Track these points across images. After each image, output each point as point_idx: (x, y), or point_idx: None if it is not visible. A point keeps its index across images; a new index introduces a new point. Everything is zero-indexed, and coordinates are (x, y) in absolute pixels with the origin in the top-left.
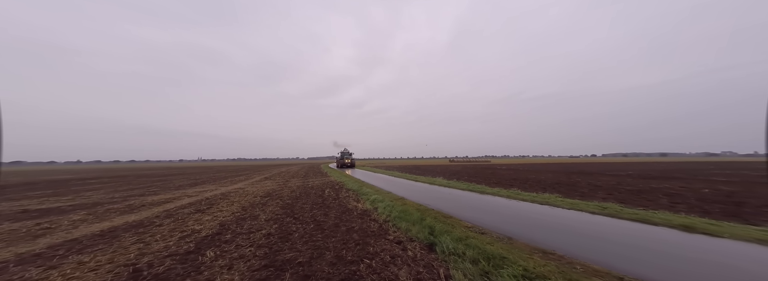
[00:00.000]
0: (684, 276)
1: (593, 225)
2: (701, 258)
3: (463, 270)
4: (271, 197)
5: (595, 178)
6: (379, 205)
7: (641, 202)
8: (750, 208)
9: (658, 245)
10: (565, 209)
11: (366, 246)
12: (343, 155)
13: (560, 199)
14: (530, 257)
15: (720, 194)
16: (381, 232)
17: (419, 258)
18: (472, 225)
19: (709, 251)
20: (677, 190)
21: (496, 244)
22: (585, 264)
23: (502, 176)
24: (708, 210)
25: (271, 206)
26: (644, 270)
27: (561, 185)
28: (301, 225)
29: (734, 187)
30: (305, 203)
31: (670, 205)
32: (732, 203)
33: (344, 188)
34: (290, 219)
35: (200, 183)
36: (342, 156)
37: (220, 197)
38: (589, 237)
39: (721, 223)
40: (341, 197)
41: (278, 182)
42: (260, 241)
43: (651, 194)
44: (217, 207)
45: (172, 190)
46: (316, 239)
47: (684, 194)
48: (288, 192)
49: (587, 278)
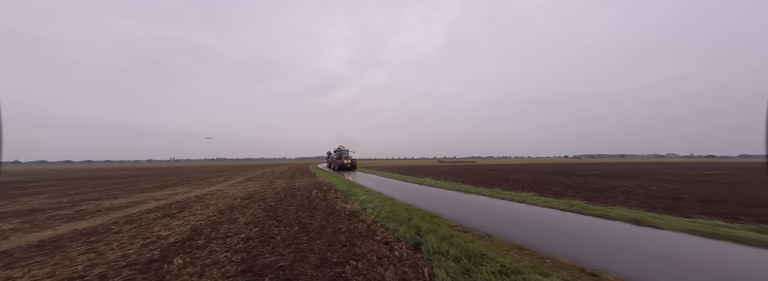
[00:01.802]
0: (633, 264)
1: (563, 221)
2: (646, 248)
3: (446, 268)
4: (253, 199)
5: (566, 177)
6: (368, 206)
7: (603, 199)
8: (685, 203)
9: (615, 238)
10: (539, 207)
11: (353, 248)
12: (340, 154)
13: (536, 197)
14: (507, 253)
15: (664, 191)
16: (369, 233)
17: (405, 257)
18: (457, 223)
19: (653, 242)
20: (631, 188)
21: (478, 242)
22: (554, 259)
23: (486, 176)
24: (654, 205)
25: (252, 209)
26: (602, 260)
27: (537, 184)
28: (285, 227)
29: (675, 185)
30: (290, 205)
31: (625, 201)
32: (672, 199)
33: (333, 189)
34: (273, 221)
35: (171, 185)
36: (339, 156)
37: (194, 200)
38: (559, 233)
39: (663, 216)
40: (329, 198)
41: (262, 184)
42: (238, 245)
43: (610, 192)
44: (190, 211)
45: (137, 193)
46: (300, 241)
47: (636, 192)
48: (272, 194)
49: (555, 271)
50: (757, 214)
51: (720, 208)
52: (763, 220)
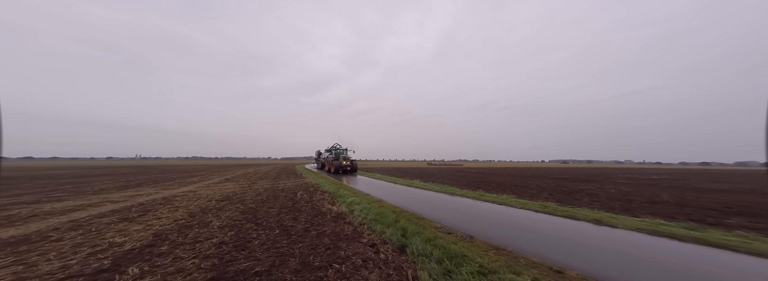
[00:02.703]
0: (593, 260)
1: (536, 222)
2: (604, 246)
3: (428, 270)
4: (231, 201)
5: (542, 181)
6: (355, 208)
7: (571, 201)
8: (636, 204)
9: (578, 237)
10: (517, 209)
11: (337, 251)
12: (337, 153)
13: (514, 199)
14: (486, 254)
15: (620, 194)
16: (355, 235)
17: (391, 260)
18: (441, 225)
19: (609, 240)
20: (595, 191)
21: (460, 243)
22: (527, 258)
23: (471, 179)
24: (612, 207)
25: (228, 212)
26: (568, 258)
27: (517, 187)
28: (264, 231)
29: (629, 188)
30: (272, 208)
31: (589, 203)
32: (626, 201)
33: (319, 191)
34: (251, 224)
35: (134, 186)
36: (335, 155)
37: (160, 203)
38: (532, 233)
39: (618, 216)
40: (315, 200)
41: (242, 185)
42: (209, 251)
43: (578, 194)
44: (154, 214)
45: (89, 195)
46: (280, 245)
47: (599, 194)
48: (253, 195)
49: (527, 270)
50: (688, 213)
51: (662, 209)
52: (693, 218)
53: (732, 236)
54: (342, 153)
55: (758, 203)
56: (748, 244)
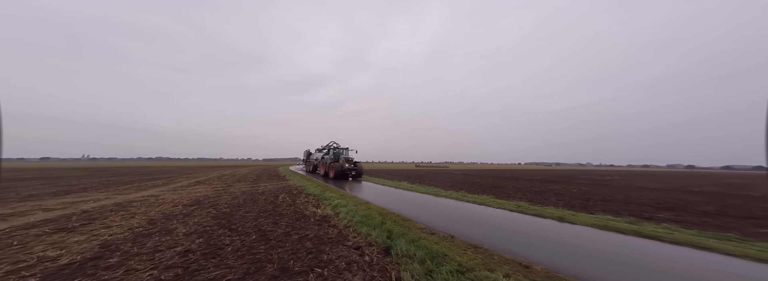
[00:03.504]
0: (554, 255)
1: (510, 221)
2: (564, 241)
3: (411, 271)
4: (201, 205)
5: (518, 182)
6: (341, 210)
7: (541, 200)
8: (592, 202)
9: (544, 233)
10: (494, 208)
11: (320, 254)
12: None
13: (493, 200)
14: (465, 252)
15: (580, 193)
16: (340, 238)
17: (375, 262)
18: (426, 226)
19: (568, 235)
20: (561, 191)
21: (441, 243)
22: (501, 255)
23: (456, 180)
24: (573, 205)
25: (197, 217)
26: (534, 254)
27: (495, 187)
28: (239, 236)
29: (588, 188)
30: (249, 212)
31: (556, 202)
32: (585, 199)
33: (304, 193)
34: (224, 230)
35: (77, 191)
36: (335, 156)
37: (111, 210)
38: (506, 231)
39: (577, 214)
40: (299, 203)
41: (215, 188)
42: (171, 261)
43: (547, 194)
44: (103, 223)
45: (13, 202)
46: (256, 251)
47: (563, 194)
48: (228, 199)
49: (500, 266)
50: (631, 209)
51: (612, 206)
52: (633, 214)
53: (660, 228)
54: (342, 153)
55: (680, 200)
56: (671, 234)
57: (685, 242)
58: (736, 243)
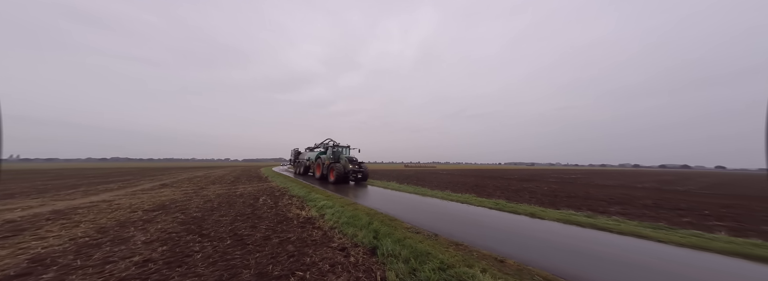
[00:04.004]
0: (525, 248)
1: (489, 218)
2: (534, 235)
3: (396, 270)
4: (167, 210)
5: (497, 181)
6: (327, 211)
7: (517, 198)
8: (560, 199)
9: (518, 229)
10: (475, 206)
11: (302, 257)
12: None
13: (474, 198)
14: (447, 250)
15: (550, 191)
16: (324, 240)
17: (361, 263)
18: (411, 225)
19: (537, 229)
20: (534, 188)
21: (426, 242)
22: (479, 251)
23: (442, 180)
24: (543, 201)
25: (162, 223)
26: (508, 248)
27: (477, 186)
28: (212, 242)
29: (556, 186)
30: (224, 216)
31: (529, 199)
32: (553, 196)
33: (287, 195)
34: (194, 236)
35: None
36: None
37: (47, 218)
38: (485, 227)
39: (546, 210)
40: (281, 205)
41: (185, 191)
42: (126, 272)
43: (522, 192)
44: (35, 234)
45: None
46: (231, 257)
47: (536, 191)
48: (200, 203)
49: (478, 262)
50: (589, 204)
51: (574, 202)
52: (590, 208)
53: (610, 220)
54: (342, 152)
55: (627, 195)
56: (618, 226)
57: (629, 232)
58: (665, 231)
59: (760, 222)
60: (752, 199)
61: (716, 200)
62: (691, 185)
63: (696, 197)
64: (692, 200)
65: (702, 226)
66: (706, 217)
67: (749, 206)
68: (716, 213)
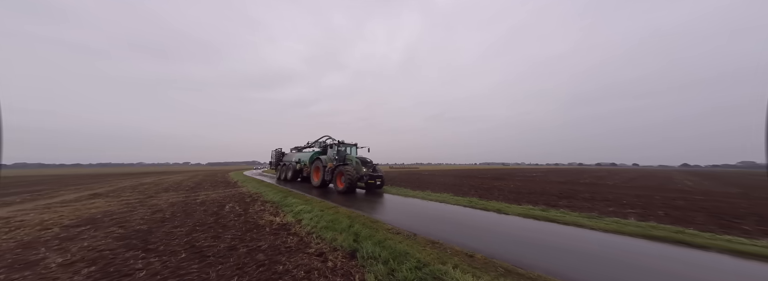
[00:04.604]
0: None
1: (463, 215)
2: (499, 229)
3: (375, 272)
4: (97, 225)
5: (473, 180)
6: (304, 216)
7: (488, 196)
8: (522, 195)
9: (487, 224)
10: (451, 205)
11: (274, 266)
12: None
13: (451, 197)
14: (424, 249)
15: (516, 188)
16: (300, 246)
17: (339, 267)
18: (392, 226)
19: (503, 224)
20: (503, 186)
21: (405, 242)
22: (452, 248)
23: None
24: (509, 198)
25: (89, 240)
26: (477, 243)
27: (455, 186)
28: (160, 257)
29: (521, 183)
30: (178, 227)
31: (498, 196)
32: (517, 193)
33: (260, 201)
34: (136, 252)
35: None
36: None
37: None
38: (459, 225)
39: (511, 205)
40: (252, 211)
41: (126, 200)
42: None
43: (492, 190)
44: None
45: None
46: (186, 272)
47: (503, 189)
48: (146, 214)
49: (451, 258)
50: (545, 199)
51: (533, 197)
52: (545, 203)
53: (559, 213)
54: (348, 152)
55: (573, 190)
56: (563, 217)
57: (572, 222)
58: (596, 219)
59: (657, 208)
60: (654, 189)
61: (632, 192)
62: (617, 180)
63: (619, 190)
64: (617, 192)
65: (621, 213)
66: (623, 206)
67: (652, 196)
68: (631, 202)
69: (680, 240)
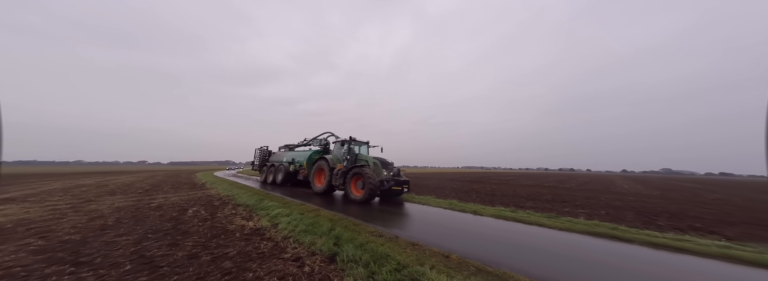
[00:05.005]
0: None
1: (442, 217)
2: (474, 230)
3: (355, 275)
4: (5, 237)
5: (453, 183)
6: (281, 220)
7: (466, 198)
8: (496, 197)
9: (463, 225)
10: (433, 207)
11: (243, 273)
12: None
13: (433, 199)
14: (404, 251)
15: (492, 191)
16: (275, 252)
17: (317, 272)
18: (375, 229)
19: (477, 225)
20: (480, 189)
21: (386, 244)
22: (430, 249)
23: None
24: (485, 200)
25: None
26: (453, 244)
27: (438, 188)
28: (96, 271)
29: (496, 186)
30: (124, 235)
31: (475, 198)
32: (493, 195)
33: (231, 204)
34: (62, 267)
35: None
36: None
37: None
38: (438, 226)
39: (486, 207)
40: (221, 216)
41: (52, 206)
42: None
43: (470, 193)
44: None
45: None
46: None
47: (481, 191)
48: (79, 222)
49: (429, 259)
50: (516, 202)
51: (506, 199)
52: (514, 204)
53: (525, 214)
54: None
55: (538, 192)
56: (528, 217)
57: (534, 222)
58: (554, 219)
59: (601, 208)
60: (600, 192)
61: (583, 194)
62: (573, 184)
63: (574, 192)
64: (572, 194)
65: (573, 213)
66: (576, 207)
67: (598, 197)
68: (582, 203)
69: (614, 235)
